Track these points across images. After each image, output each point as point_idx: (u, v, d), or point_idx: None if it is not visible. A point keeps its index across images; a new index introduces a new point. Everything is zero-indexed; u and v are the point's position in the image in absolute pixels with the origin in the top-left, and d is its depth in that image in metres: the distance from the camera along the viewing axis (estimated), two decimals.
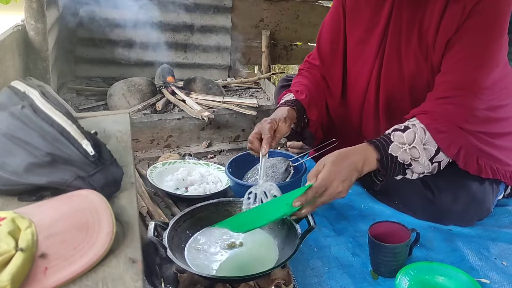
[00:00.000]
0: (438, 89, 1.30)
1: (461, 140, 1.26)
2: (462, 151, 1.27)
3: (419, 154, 1.24)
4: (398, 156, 1.23)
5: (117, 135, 1.21)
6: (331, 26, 1.56)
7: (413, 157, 1.24)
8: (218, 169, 1.78)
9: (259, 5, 2.93)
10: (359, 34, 1.48)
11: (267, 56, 2.98)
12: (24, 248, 0.64)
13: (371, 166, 1.21)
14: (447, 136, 1.25)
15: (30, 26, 1.84)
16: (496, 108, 1.36)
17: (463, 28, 1.25)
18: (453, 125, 1.25)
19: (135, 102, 2.26)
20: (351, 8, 1.49)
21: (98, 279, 0.69)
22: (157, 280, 1.17)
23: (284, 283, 1.12)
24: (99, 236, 0.74)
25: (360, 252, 1.31)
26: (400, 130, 1.26)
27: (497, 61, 1.29)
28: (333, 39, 1.56)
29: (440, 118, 1.24)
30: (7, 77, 1.51)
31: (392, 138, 1.25)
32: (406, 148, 1.23)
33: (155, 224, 1.14)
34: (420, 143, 1.24)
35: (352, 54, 1.52)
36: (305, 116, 1.53)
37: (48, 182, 0.86)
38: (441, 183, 1.36)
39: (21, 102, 0.94)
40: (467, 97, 1.27)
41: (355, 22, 1.49)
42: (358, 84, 1.52)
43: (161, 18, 2.76)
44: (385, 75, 1.43)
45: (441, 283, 1.15)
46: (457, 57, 1.27)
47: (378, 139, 1.25)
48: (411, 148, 1.23)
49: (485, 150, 1.33)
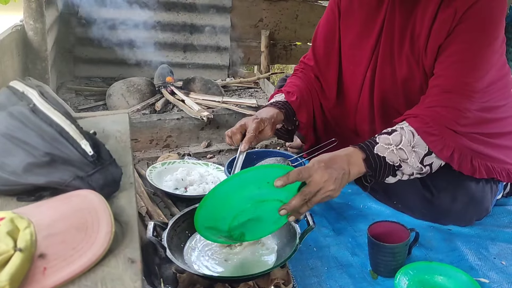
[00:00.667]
0: (429, 93, 1.30)
1: (454, 143, 1.26)
2: (455, 153, 1.27)
3: (407, 156, 1.23)
4: (386, 156, 1.22)
5: (116, 135, 1.21)
6: (327, 26, 1.56)
7: (401, 158, 1.23)
8: (217, 169, 1.78)
9: (258, 5, 2.93)
10: (352, 37, 1.48)
11: (266, 56, 2.99)
12: (23, 248, 0.64)
13: (359, 168, 1.20)
14: (439, 139, 1.24)
15: (29, 26, 1.84)
16: (493, 109, 1.36)
17: (454, 33, 1.25)
18: (444, 128, 1.24)
19: (134, 102, 2.26)
20: (345, 9, 1.50)
21: (97, 279, 0.69)
22: (157, 280, 1.17)
23: (283, 283, 1.12)
24: (98, 236, 0.73)
25: (360, 252, 1.31)
26: (387, 133, 1.26)
27: (490, 63, 1.29)
28: (328, 40, 1.56)
29: (431, 122, 1.24)
30: (6, 77, 1.51)
31: (378, 140, 1.24)
32: (393, 148, 1.22)
33: (154, 224, 1.14)
34: (408, 145, 1.23)
35: (346, 56, 1.52)
36: (295, 118, 1.54)
37: (47, 182, 0.86)
38: (440, 183, 1.36)
39: (20, 102, 0.94)
40: (458, 99, 1.26)
41: (349, 24, 1.49)
42: (352, 86, 1.52)
43: (160, 18, 2.76)
44: (379, 78, 1.43)
45: (440, 282, 1.16)
46: (449, 61, 1.27)
47: (364, 142, 1.25)
48: (398, 149, 1.23)
49: (481, 151, 1.33)
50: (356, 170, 1.19)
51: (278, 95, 1.57)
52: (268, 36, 2.95)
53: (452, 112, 1.26)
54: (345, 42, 1.51)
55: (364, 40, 1.44)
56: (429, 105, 1.27)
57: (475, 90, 1.27)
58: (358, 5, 1.45)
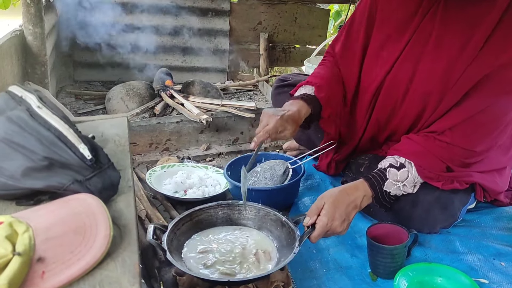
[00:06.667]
0: (441, 124, 1.31)
1: (445, 177, 1.32)
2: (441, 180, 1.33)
3: (410, 190, 1.32)
4: (391, 192, 1.31)
5: (115, 139, 1.21)
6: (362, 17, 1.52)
7: (404, 192, 1.32)
8: (216, 172, 1.78)
9: (257, 8, 2.94)
10: (382, 37, 1.45)
11: (265, 59, 2.99)
12: (21, 252, 0.64)
13: (368, 202, 1.29)
14: (435, 178, 1.31)
15: (28, 31, 1.84)
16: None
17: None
18: (441, 171, 1.31)
19: (134, 105, 2.27)
20: (382, 8, 1.46)
21: (96, 283, 0.69)
22: (156, 283, 1.17)
23: (283, 285, 1.12)
24: (96, 239, 0.74)
25: (359, 254, 1.31)
26: (396, 168, 1.30)
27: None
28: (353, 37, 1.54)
29: (430, 166, 1.30)
30: (5, 82, 1.52)
31: (388, 175, 1.30)
32: (400, 185, 1.30)
33: (154, 227, 1.14)
34: (412, 181, 1.31)
35: (370, 56, 1.49)
36: (320, 113, 1.50)
37: (45, 186, 0.87)
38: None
39: (19, 106, 0.95)
40: (462, 153, 1.31)
41: (382, 26, 1.45)
42: (369, 86, 1.49)
43: (159, 22, 2.77)
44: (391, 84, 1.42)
45: (439, 284, 1.16)
46: (471, 109, 1.28)
47: (374, 176, 1.30)
48: (403, 185, 1.31)
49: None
50: (365, 204, 1.28)
51: (306, 86, 1.52)
52: (267, 39, 2.96)
53: (453, 156, 1.31)
54: (376, 38, 1.47)
55: (392, 42, 1.41)
56: (436, 138, 1.30)
57: (479, 151, 1.32)
58: (396, 7, 1.42)
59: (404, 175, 1.29)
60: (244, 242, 1.24)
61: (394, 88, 1.41)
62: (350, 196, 1.24)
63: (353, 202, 1.23)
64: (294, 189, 1.59)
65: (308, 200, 1.58)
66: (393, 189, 1.30)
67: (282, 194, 1.52)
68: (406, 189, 1.31)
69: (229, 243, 1.24)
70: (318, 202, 1.21)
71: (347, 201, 1.22)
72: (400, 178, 1.29)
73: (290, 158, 1.65)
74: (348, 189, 1.26)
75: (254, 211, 1.31)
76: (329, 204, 1.18)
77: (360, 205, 1.26)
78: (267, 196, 1.46)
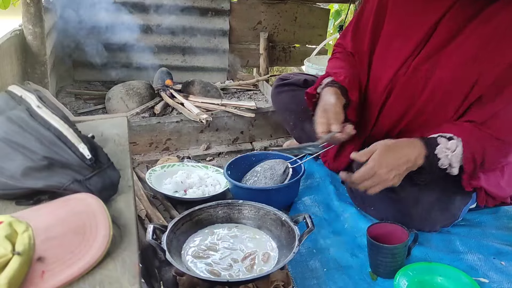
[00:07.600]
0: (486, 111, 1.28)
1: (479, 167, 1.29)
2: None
3: (455, 166, 1.26)
4: (441, 159, 1.25)
5: (115, 139, 1.21)
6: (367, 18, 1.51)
7: (451, 164, 1.26)
8: (216, 171, 1.78)
9: (257, 8, 2.94)
10: (394, 26, 1.42)
11: (265, 58, 2.99)
12: (21, 252, 0.64)
13: (421, 161, 1.24)
14: (472, 164, 1.27)
15: (28, 31, 1.84)
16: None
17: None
18: (481, 158, 1.26)
19: (134, 105, 2.27)
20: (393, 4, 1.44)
21: (95, 282, 0.70)
22: (156, 283, 1.17)
23: (283, 285, 1.12)
24: (96, 239, 0.74)
25: (359, 253, 1.31)
26: (445, 138, 1.26)
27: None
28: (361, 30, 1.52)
29: (474, 148, 1.25)
30: (5, 82, 1.51)
31: (439, 141, 1.26)
32: (449, 154, 1.25)
33: (154, 227, 1.14)
34: (458, 156, 1.26)
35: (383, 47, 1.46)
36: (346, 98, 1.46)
37: (45, 186, 0.87)
38: (406, 185, 1.30)
39: (19, 106, 0.95)
40: (500, 145, 1.29)
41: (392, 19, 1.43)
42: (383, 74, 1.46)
43: (159, 21, 2.77)
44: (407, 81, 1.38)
45: (440, 283, 1.16)
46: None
47: (428, 138, 1.27)
48: (452, 155, 1.25)
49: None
50: (419, 163, 1.23)
51: (326, 78, 1.49)
52: (267, 39, 2.95)
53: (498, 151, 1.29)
54: (388, 27, 1.45)
55: (410, 32, 1.37)
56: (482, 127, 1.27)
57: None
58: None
59: (453, 146, 1.25)
60: (243, 243, 1.24)
61: (412, 81, 1.37)
62: (403, 149, 1.22)
63: (405, 155, 1.21)
64: (294, 188, 1.59)
65: (308, 200, 1.57)
66: (442, 156, 1.25)
67: (282, 193, 1.52)
68: (452, 161, 1.25)
69: (228, 243, 1.23)
70: (371, 147, 1.21)
71: (400, 153, 1.21)
72: (450, 147, 1.25)
73: (290, 158, 1.65)
74: (403, 142, 1.25)
75: (254, 210, 1.31)
76: (380, 150, 1.19)
77: (413, 161, 1.22)
78: (267, 195, 1.46)
